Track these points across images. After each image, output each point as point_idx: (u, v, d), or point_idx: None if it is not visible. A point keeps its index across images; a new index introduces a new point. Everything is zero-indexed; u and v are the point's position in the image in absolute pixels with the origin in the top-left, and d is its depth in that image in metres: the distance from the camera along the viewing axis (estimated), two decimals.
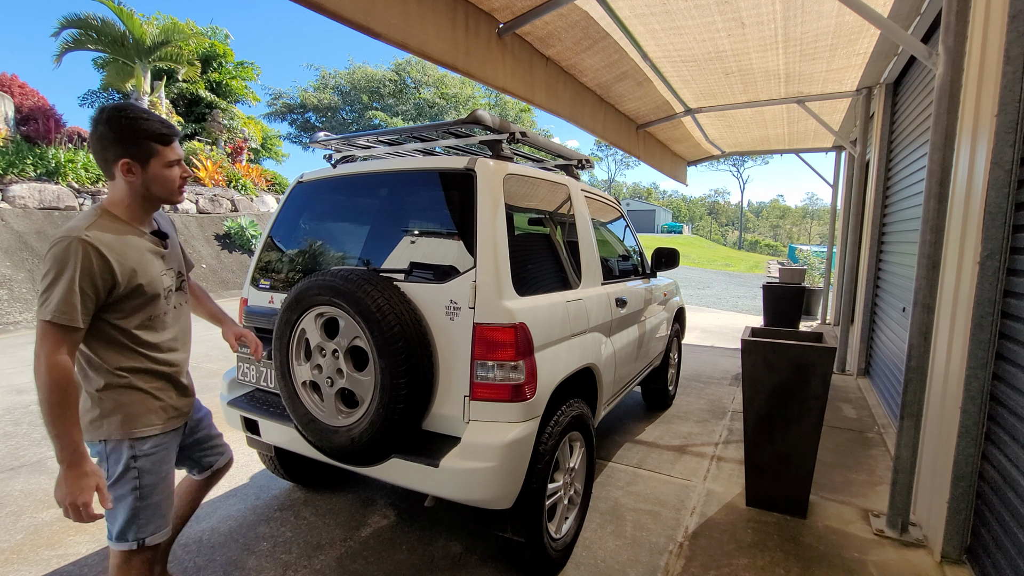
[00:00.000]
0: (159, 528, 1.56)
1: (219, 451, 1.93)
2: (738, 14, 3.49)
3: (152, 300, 1.50)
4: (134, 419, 1.50)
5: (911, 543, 2.49)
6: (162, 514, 1.57)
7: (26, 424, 3.86)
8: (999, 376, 2.13)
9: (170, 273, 1.59)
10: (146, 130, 1.44)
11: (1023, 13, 2.00)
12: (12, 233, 8.65)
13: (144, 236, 1.52)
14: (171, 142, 1.50)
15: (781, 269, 9.37)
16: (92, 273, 1.35)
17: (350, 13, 2.42)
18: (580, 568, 2.31)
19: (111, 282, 1.39)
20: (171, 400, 1.60)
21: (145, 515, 1.52)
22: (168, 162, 1.50)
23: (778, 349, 2.63)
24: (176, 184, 1.53)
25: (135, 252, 1.46)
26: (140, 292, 1.46)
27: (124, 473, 1.49)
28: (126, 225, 1.48)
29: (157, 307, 1.52)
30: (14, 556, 2.34)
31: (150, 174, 1.47)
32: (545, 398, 2.08)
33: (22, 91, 13.02)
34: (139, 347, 1.51)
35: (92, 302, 1.37)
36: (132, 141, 1.43)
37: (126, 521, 1.51)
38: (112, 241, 1.41)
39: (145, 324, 1.51)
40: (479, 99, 30.63)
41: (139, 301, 1.47)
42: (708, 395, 4.93)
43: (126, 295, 1.43)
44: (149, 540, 1.53)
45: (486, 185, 2.11)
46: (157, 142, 1.46)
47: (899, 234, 4.41)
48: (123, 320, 1.46)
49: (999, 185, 2.10)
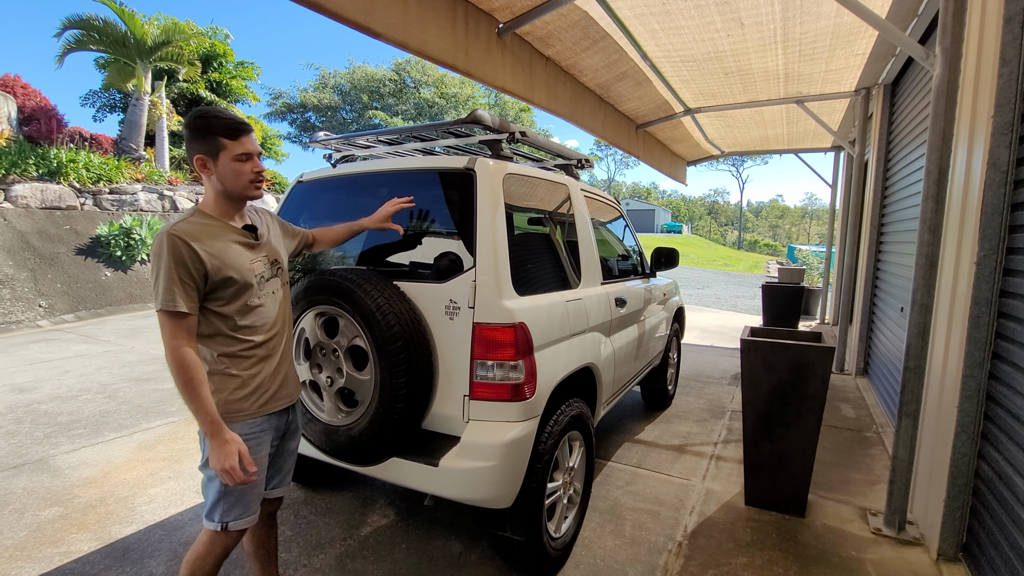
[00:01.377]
0: (243, 515, 1.61)
1: (284, 477, 1.84)
2: (737, 14, 3.50)
3: (244, 288, 1.57)
4: (227, 404, 1.56)
5: (908, 541, 2.50)
6: (247, 502, 1.61)
7: (28, 423, 3.88)
8: (995, 375, 2.15)
9: (262, 262, 1.65)
10: (215, 126, 1.52)
11: (1018, 15, 2.01)
12: (14, 232, 8.66)
13: (233, 230, 1.60)
14: (239, 136, 1.55)
15: (780, 269, 9.39)
16: (184, 262, 1.44)
17: (350, 13, 2.42)
18: (579, 567, 2.32)
19: (203, 270, 1.48)
20: (267, 385, 1.64)
21: (230, 500, 1.58)
22: (237, 155, 1.55)
23: (777, 349, 2.64)
24: (247, 178, 1.58)
25: (222, 243, 1.54)
26: (231, 281, 1.54)
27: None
28: (215, 220, 1.58)
29: (251, 294, 1.59)
30: (18, 553, 2.35)
31: (220, 168, 1.55)
32: (544, 397, 2.09)
33: (24, 91, 13.05)
34: (237, 333, 1.57)
35: (192, 288, 1.46)
36: (202, 137, 1.53)
37: (214, 502, 1.58)
38: (198, 233, 1.50)
39: (242, 310, 1.58)
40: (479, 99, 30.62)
41: (232, 290, 1.54)
42: (707, 395, 4.94)
43: (219, 283, 1.52)
44: (232, 525, 1.59)
45: (486, 185, 2.12)
46: (225, 136, 1.53)
47: (897, 234, 4.42)
48: (222, 307, 1.54)
49: (995, 185, 2.11)
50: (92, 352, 6.10)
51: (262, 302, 1.63)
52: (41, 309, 7.98)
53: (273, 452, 1.74)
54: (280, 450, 1.78)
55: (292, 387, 1.75)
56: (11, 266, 8.19)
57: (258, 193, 1.63)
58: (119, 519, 2.65)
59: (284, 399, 1.70)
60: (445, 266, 2.10)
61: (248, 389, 1.59)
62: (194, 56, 15.29)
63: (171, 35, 13.15)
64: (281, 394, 1.69)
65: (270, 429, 1.67)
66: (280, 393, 1.68)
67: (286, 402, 1.72)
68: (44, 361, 5.68)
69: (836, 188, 8.90)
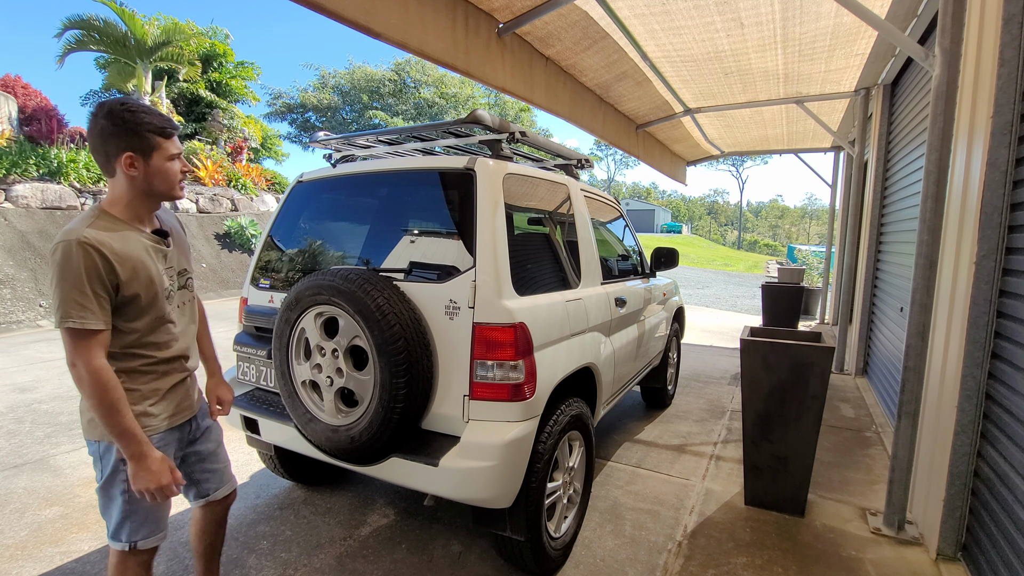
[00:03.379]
0: (152, 533, 1.54)
1: (221, 478, 1.79)
2: (737, 14, 3.50)
3: (153, 300, 1.48)
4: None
5: (907, 541, 2.51)
6: (155, 519, 1.54)
7: (29, 422, 3.88)
8: (994, 375, 2.15)
9: (171, 271, 1.57)
10: (148, 123, 1.43)
11: (1017, 16, 2.01)
12: (15, 232, 8.66)
13: (144, 235, 1.49)
14: (172, 136, 1.49)
15: (780, 269, 9.39)
16: (96, 272, 1.33)
17: (350, 13, 2.43)
18: (579, 567, 2.32)
19: (116, 281, 1.38)
20: (169, 400, 1.57)
21: (136, 518, 1.50)
22: (170, 155, 1.48)
23: (777, 349, 2.64)
24: (177, 178, 1.52)
25: (134, 253, 1.44)
26: (141, 292, 1.44)
27: (114, 475, 1.48)
28: (125, 224, 1.46)
29: (159, 307, 1.50)
30: (19, 553, 2.35)
31: (152, 168, 1.45)
32: (544, 397, 2.09)
33: (25, 92, 13.07)
34: (141, 349, 1.49)
35: (106, 301, 1.37)
36: (134, 134, 1.41)
37: (118, 522, 1.50)
38: (111, 240, 1.38)
39: (151, 326, 1.49)
40: (479, 99, 30.62)
41: (142, 303, 1.45)
42: (707, 394, 4.94)
43: (130, 298, 1.42)
44: (141, 544, 1.52)
45: (486, 185, 2.12)
46: (159, 135, 1.45)
47: (897, 234, 4.42)
48: (129, 322, 1.45)
49: (995, 186, 2.12)
50: None
51: (172, 318, 1.55)
52: (42, 309, 7.98)
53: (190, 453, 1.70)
54: (200, 455, 1.72)
55: (194, 399, 1.69)
56: (12, 266, 8.20)
57: (183, 194, 1.58)
58: None
59: (186, 411, 1.64)
60: (445, 267, 2.10)
61: (149, 402, 1.51)
62: (194, 56, 15.31)
63: (171, 35, 13.17)
64: (184, 407, 1.63)
65: (173, 442, 1.60)
66: (183, 406, 1.62)
67: (189, 414, 1.66)
68: (45, 361, 5.69)
69: (836, 188, 8.90)
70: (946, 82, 2.33)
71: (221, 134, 15.84)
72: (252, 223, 12.46)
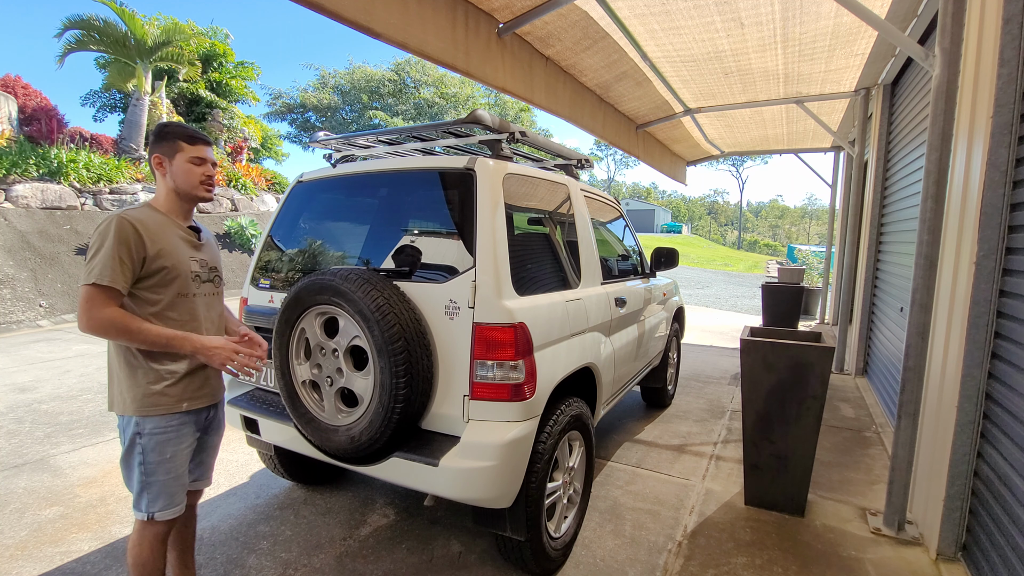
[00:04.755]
0: (168, 506, 1.65)
1: (206, 471, 1.90)
2: (737, 14, 3.50)
3: (178, 276, 1.65)
4: (143, 398, 1.60)
5: (907, 541, 2.51)
6: (170, 494, 1.65)
7: (29, 422, 3.88)
8: (994, 375, 2.15)
9: (200, 261, 1.74)
10: (175, 131, 1.69)
11: (1016, 16, 2.01)
12: (15, 232, 8.66)
13: (179, 226, 1.71)
14: (196, 142, 1.70)
15: (780, 269, 9.40)
16: (128, 243, 1.53)
17: (350, 13, 2.43)
18: (579, 567, 2.32)
19: (143, 254, 1.57)
20: (187, 384, 1.67)
21: (152, 491, 1.63)
22: (191, 158, 1.68)
23: (777, 349, 2.64)
24: (198, 179, 1.70)
25: (167, 235, 1.65)
26: (167, 270, 1.62)
27: (130, 448, 1.63)
28: (164, 216, 1.69)
29: (183, 283, 1.67)
30: (18, 553, 2.35)
31: (175, 167, 1.68)
32: (544, 397, 2.09)
33: (25, 92, 13.06)
34: (160, 321, 1.62)
35: (129, 269, 1.54)
36: (163, 138, 1.68)
37: (138, 492, 1.64)
38: (147, 221, 1.61)
39: (173, 301, 1.64)
40: (479, 99, 30.61)
41: (166, 275, 1.62)
42: (707, 394, 4.94)
43: (155, 270, 1.59)
44: (158, 515, 1.64)
45: (486, 185, 2.12)
46: (183, 140, 1.68)
47: (897, 234, 4.42)
48: (153, 290, 1.60)
49: (995, 186, 2.12)
50: (93, 352, 6.11)
51: (195, 300, 1.70)
52: (42, 309, 7.98)
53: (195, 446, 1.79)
54: (202, 444, 1.84)
55: (215, 386, 1.80)
56: (12, 266, 8.20)
57: (208, 195, 1.74)
58: (119, 518, 2.65)
59: (206, 398, 1.75)
60: (445, 267, 2.10)
61: (166, 383, 1.62)
62: (194, 56, 15.30)
63: (171, 35, 13.16)
64: (202, 393, 1.73)
65: (190, 423, 1.71)
66: (201, 392, 1.73)
67: (208, 401, 1.76)
68: (45, 361, 5.69)
69: (836, 188, 8.90)
70: (946, 82, 2.33)
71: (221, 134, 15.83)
72: (252, 223, 12.45)
